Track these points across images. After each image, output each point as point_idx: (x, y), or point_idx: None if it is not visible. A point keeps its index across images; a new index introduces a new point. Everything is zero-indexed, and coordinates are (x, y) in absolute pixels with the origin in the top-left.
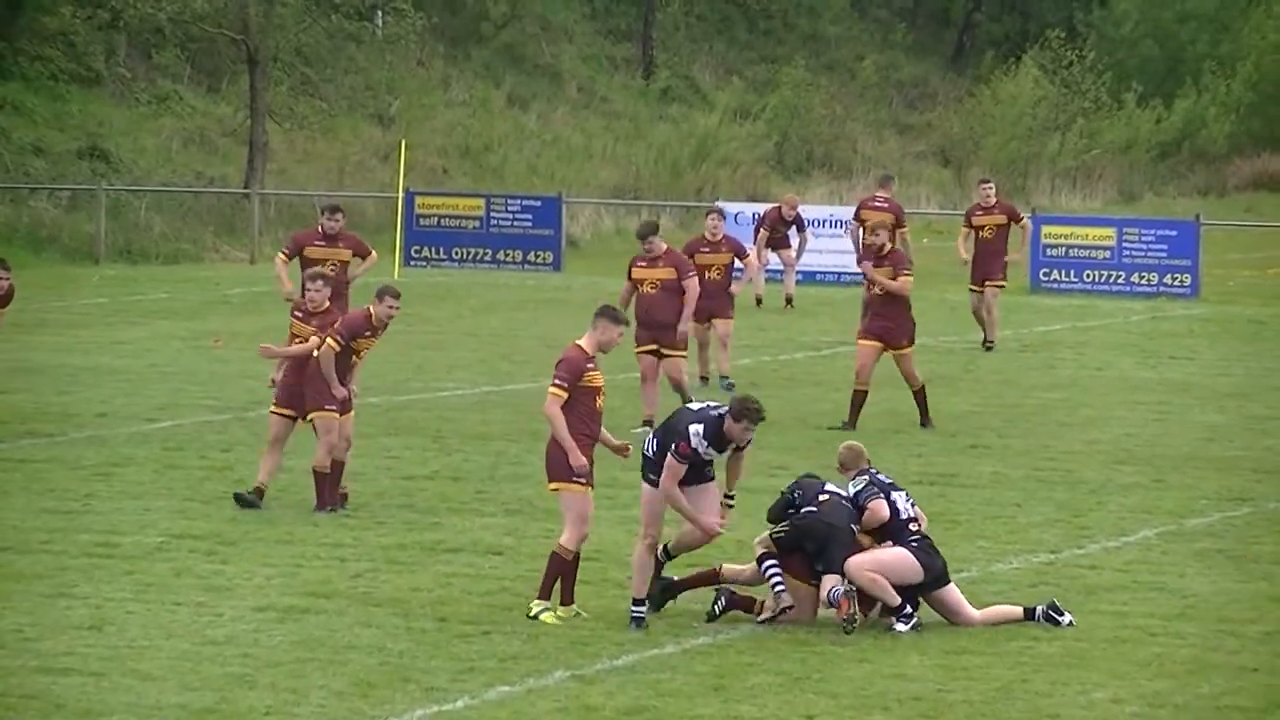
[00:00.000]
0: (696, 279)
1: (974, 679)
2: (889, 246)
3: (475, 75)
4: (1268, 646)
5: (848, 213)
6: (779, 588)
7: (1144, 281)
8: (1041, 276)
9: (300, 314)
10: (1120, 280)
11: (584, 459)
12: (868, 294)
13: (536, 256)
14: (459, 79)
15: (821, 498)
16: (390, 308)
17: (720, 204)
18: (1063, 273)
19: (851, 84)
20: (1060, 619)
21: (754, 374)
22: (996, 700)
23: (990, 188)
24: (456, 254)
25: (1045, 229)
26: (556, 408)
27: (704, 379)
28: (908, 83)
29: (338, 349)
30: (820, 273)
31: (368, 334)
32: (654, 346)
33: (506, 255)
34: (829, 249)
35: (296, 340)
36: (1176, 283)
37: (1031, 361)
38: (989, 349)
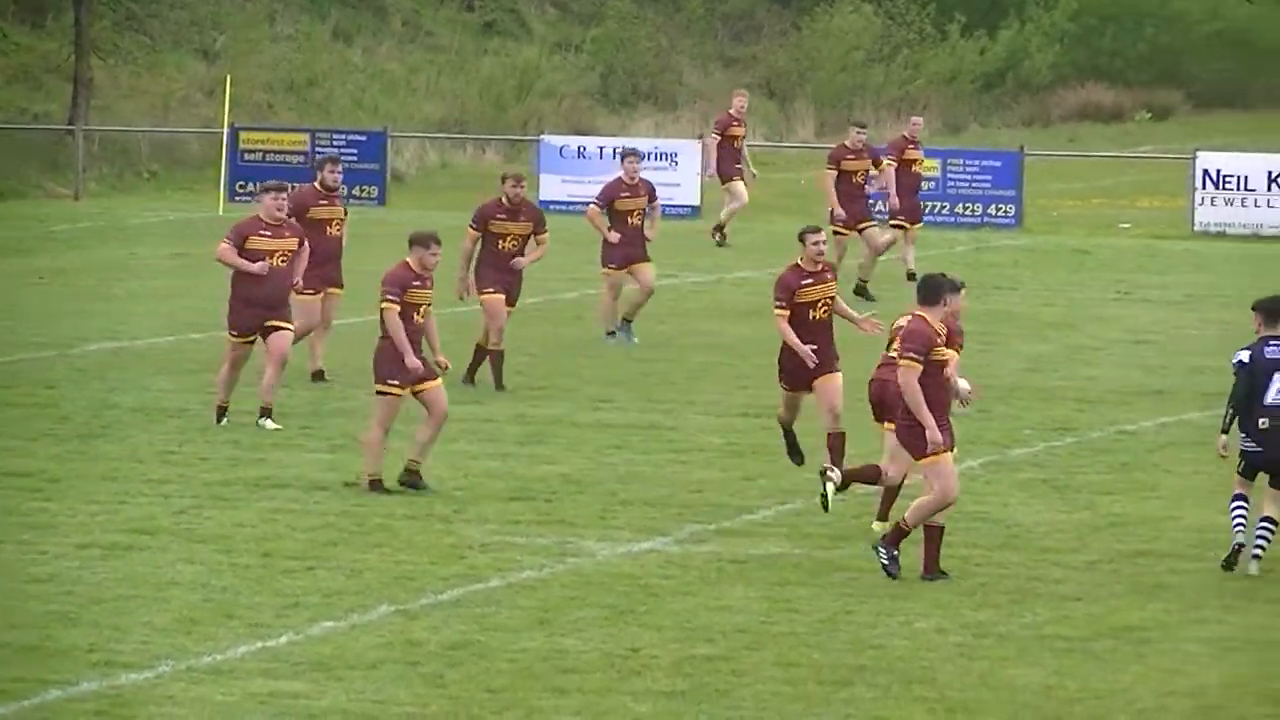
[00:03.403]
0: (547, 239)
1: (798, 610)
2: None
3: (300, 9)
4: (1090, 575)
5: (673, 145)
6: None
7: (968, 212)
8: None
9: (266, 232)
10: (945, 211)
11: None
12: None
13: (362, 191)
14: (284, 13)
15: None
16: (433, 254)
17: (630, 147)
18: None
19: (677, 16)
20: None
21: (580, 306)
22: (821, 631)
23: (863, 133)
24: None
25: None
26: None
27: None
28: (734, 15)
29: (395, 308)
30: None
31: (416, 284)
32: (504, 295)
33: None
34: (658, 181)
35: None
36: (1000, 213)
37: (851, 293)
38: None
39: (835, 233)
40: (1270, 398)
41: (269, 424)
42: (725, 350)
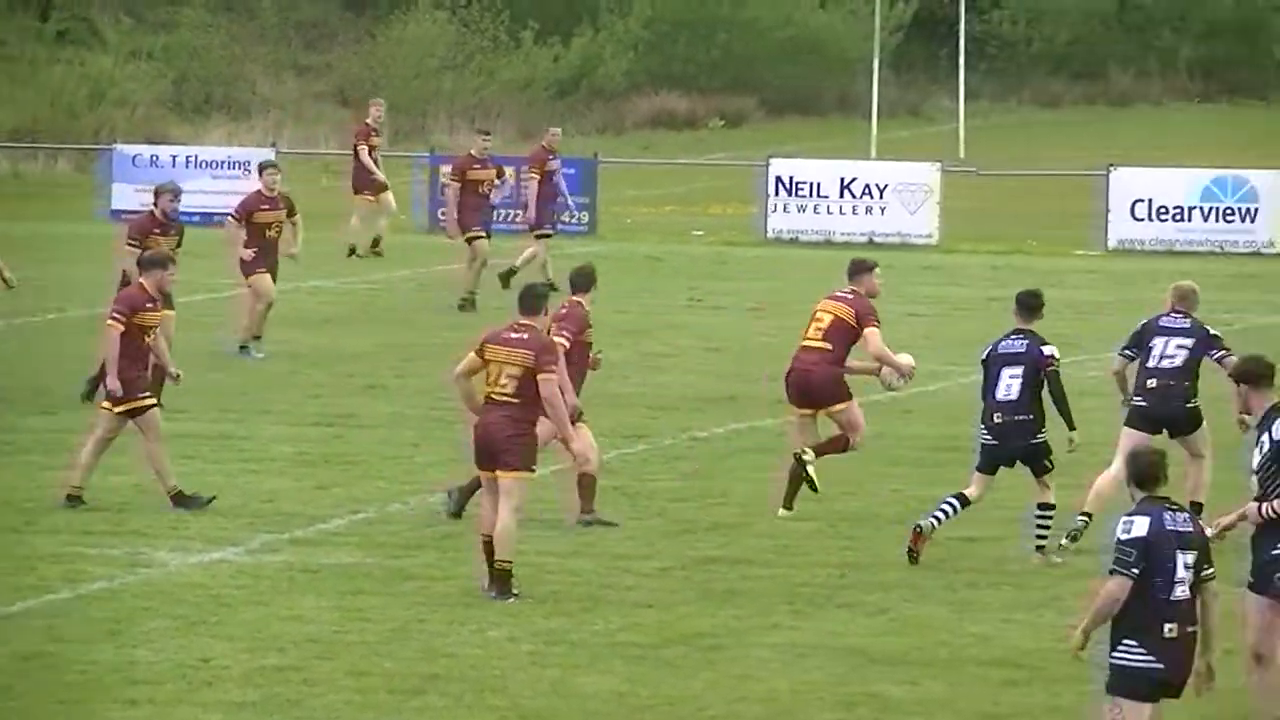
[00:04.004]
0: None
1: (370, 620)
2: None
3: None
4: (662, 582)
5: (246, 154)
6: None
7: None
8: (440, 216)
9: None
10: (520, 219)
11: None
12: None
13: None
14: None
15: None
16: (170, 276)
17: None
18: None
19: (251, 24)
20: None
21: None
22: (393, 640)
23: (488, 140)
24: None
25: (443, 168)
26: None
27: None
28: (307, 23)
29: (119, 328)
30: (217, 213)
31: (148, 306)
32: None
33: None
34: (227, 190)
35: None
36: (574, 220)
37: (430, 301)
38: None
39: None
40: (999, 393)
41: None
42: (299, 359)
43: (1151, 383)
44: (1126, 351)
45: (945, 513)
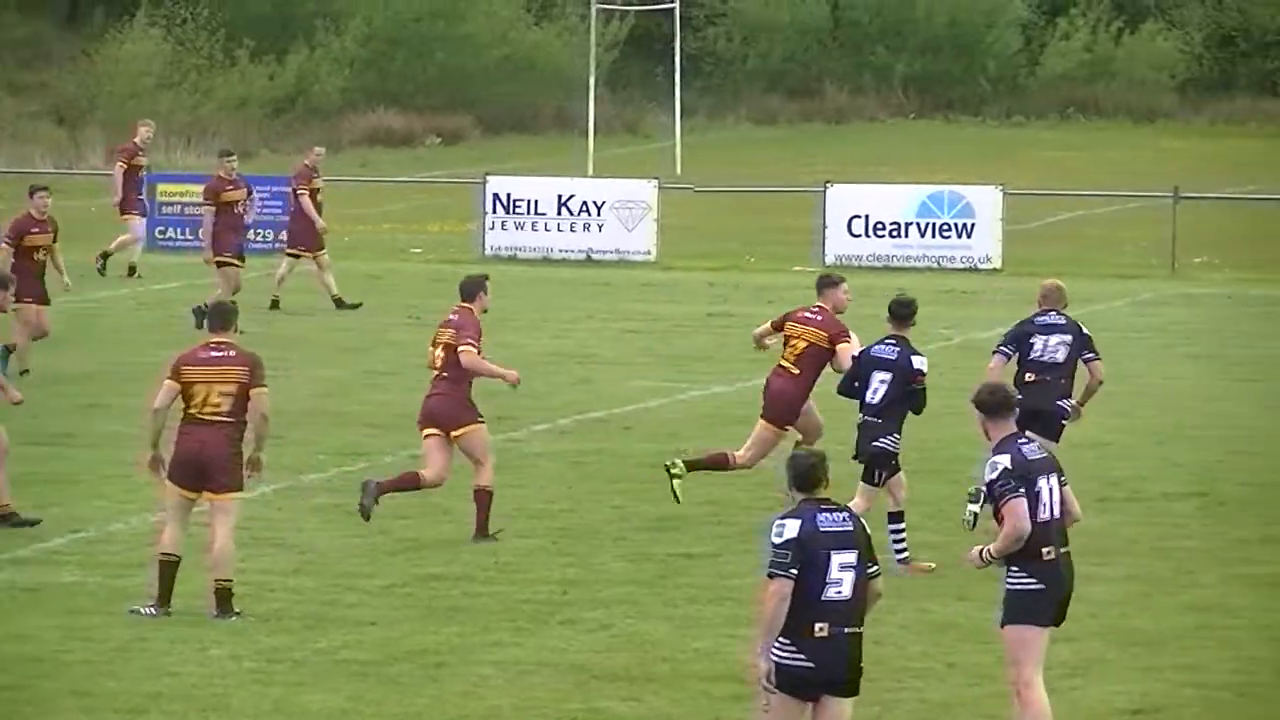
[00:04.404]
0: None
1: (92, 639)
2: None
3: None
4: (385, 599)
5: None
6: None
7: (260, 239)
8: (157, 235)
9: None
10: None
11: None
12: None
13: None
14: None
15: None
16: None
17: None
18: (177, 230)
19: None
20: None
21: None
22: (115, 659)
23: (233, 160)
24: None
25: (161, 187)
26: None
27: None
28: (21, 42)
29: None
30: None
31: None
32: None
33: None
34: None
35: None
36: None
37: (148, 319)
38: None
39: (221, 264)
40: (868, 396)
41: None
42: (18, 379)
43: (1030, 377)
44: (1005, 349)
45: (895, 536)
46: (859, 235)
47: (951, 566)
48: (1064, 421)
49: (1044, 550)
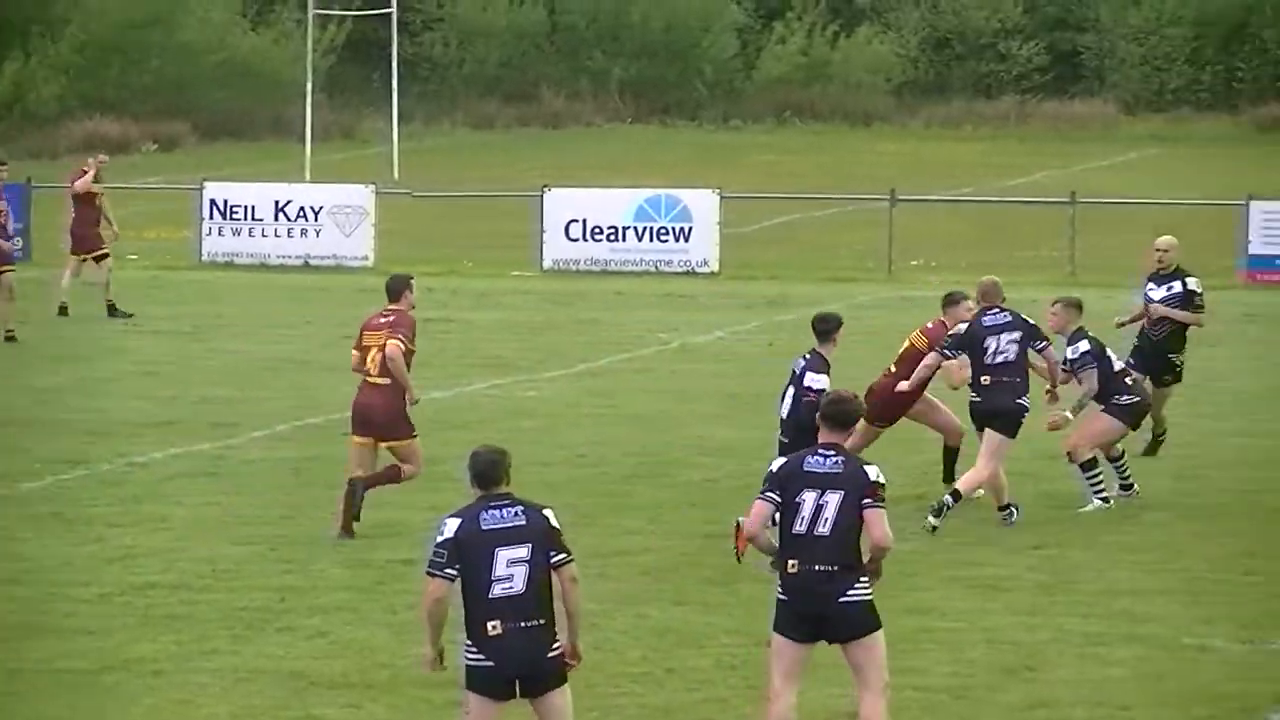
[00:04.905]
0: None
1: None
2: None
3: None
4: (100, 608)
5: None
6: None
7: None
8: None
9: None
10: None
11: None
12: None
13: None
14: None
15: None
16: None
17: None
18: None
19: None
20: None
21: None
22: None
23: (5, 169)
24: None
25: None
26: None
27: None
28: None
29: None
30: None
31: None
32: None
33: None
34: None
35: None
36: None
37: None
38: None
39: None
40: (782, 408)
41: None
42: None
43: (986, 379)
44: (946, 352)
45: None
46: (576, 239)
47: (670, 571)
48: (1022, 419)
49: (789, 562)
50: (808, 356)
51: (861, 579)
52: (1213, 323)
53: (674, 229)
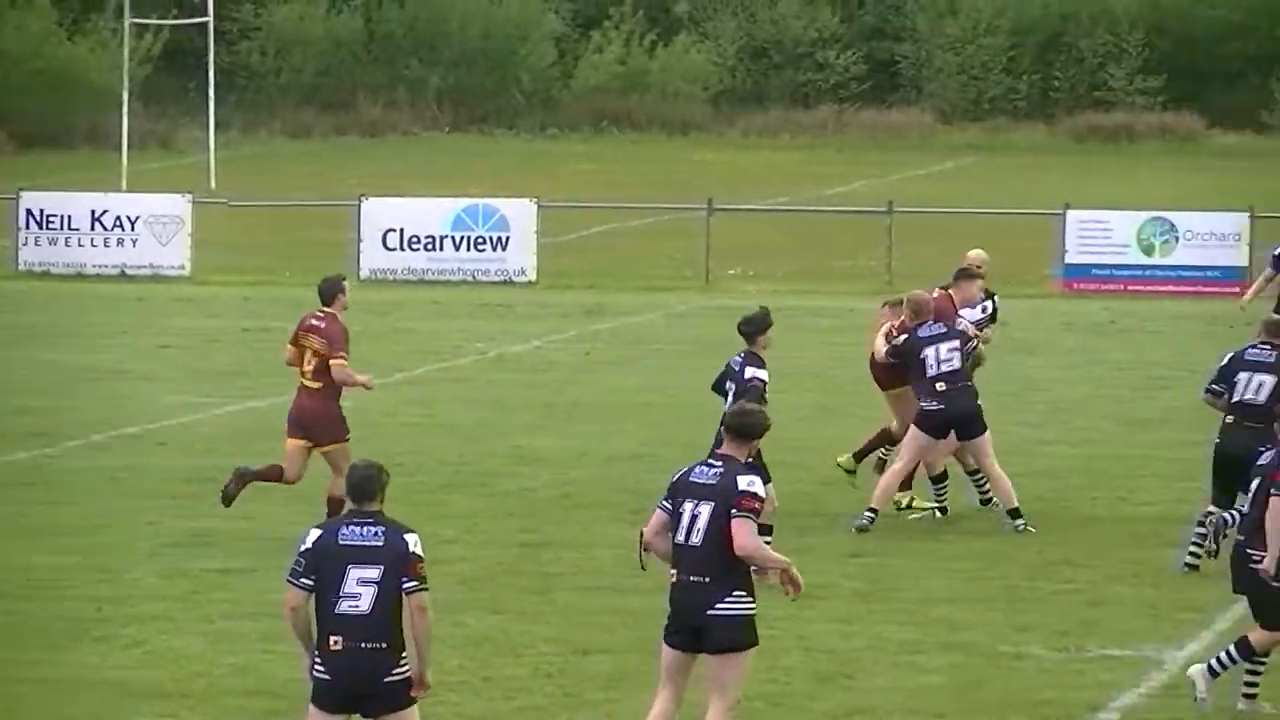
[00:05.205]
0: None
1: None
2: None
3: None
4: None
5: None
6: None
7: None
8: None
9: None
10: None
11: None
12: None
13: None
14: None
15: None
16: None
17: None
18: None
19: None
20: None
21: None
22: None
23: None
24: None
25: None
26: None
27: None
28: None
29: None
30: None
31: None
32: None
33: None
34: None
35: None
36: None
37: None
38: None
39: None
40: (726, 405)
41: None
42: None
43: (941, 386)
44: (893, 360)
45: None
46: (394, 249)
47: (487, 580)
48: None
49: (671, 572)
50: (741, 355)
51: (737, 592)
52: (1030, 331)
53: (491, 238)
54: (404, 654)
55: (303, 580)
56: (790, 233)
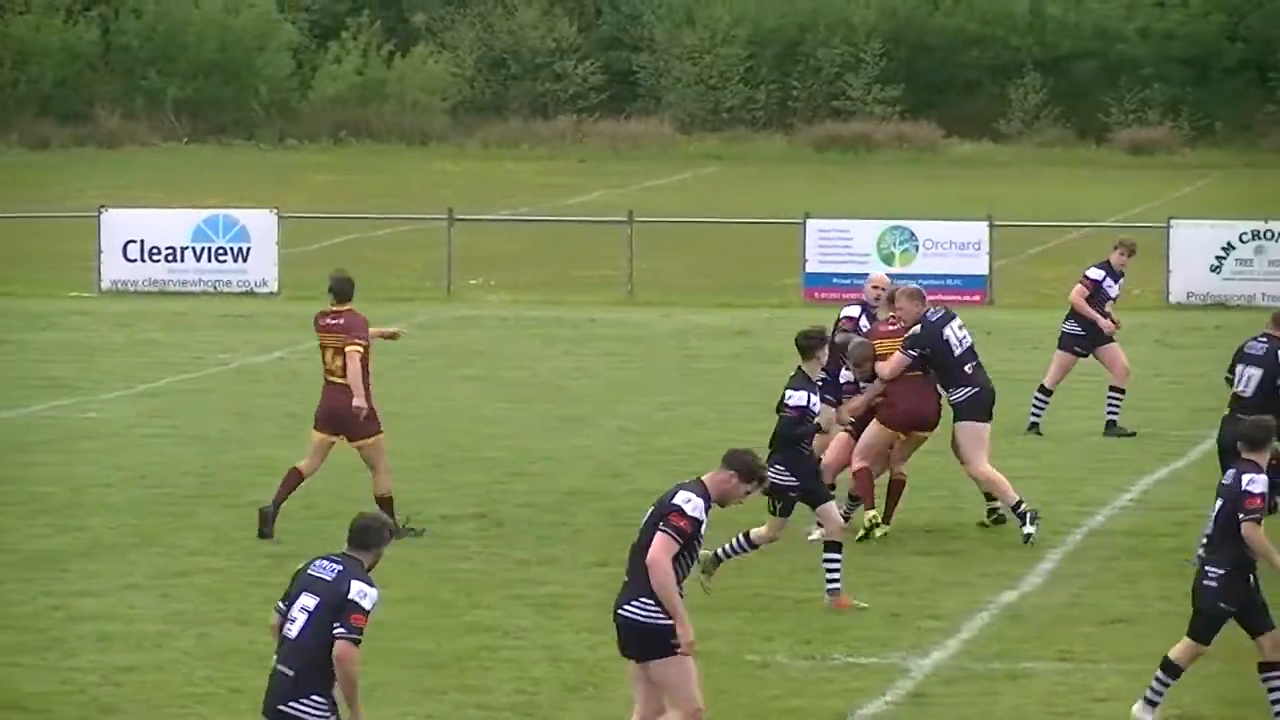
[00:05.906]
0: None
1: None
2: None
3: None
4: None
5: None
6: None
7: None
8: None
9: None
10: None
11: None
12: None
13: None
14: None
15: None
16: None
17: None
18: None
19: None
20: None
21: None
22: None
23: None
24: None
25: None
26: None
27: None
28: None
29: None
30: None
31: None
32: None
33: None
34: None
35: None
36: None
37: None
38: None
39: None
40: None
41: None
42: None
43: (969, 368)
44: (914, 354)
45: (732, 550)
46: (135, 260)
47: (233, 591)
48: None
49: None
50: (793, 373)
51: (643, 598)
52: (775, 340)
53: (232, 249)
54: (314, 693)
55: (279, 604)
56: (531, 243)
